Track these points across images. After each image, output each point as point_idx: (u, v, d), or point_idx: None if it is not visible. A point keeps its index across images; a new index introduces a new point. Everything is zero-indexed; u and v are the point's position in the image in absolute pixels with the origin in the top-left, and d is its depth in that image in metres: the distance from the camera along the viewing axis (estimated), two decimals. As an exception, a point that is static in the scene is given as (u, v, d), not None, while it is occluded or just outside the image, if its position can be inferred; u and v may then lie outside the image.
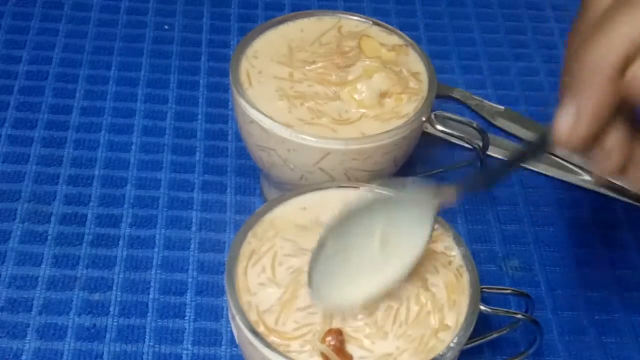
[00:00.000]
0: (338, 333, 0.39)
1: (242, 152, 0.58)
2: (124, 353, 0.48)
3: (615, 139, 0.34)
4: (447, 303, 0.41)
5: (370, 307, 0.40)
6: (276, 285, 0.41)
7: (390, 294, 0.41)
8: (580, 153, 0.34)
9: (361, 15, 0.55)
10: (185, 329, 0.49)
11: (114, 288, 0.51)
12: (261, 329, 0.40)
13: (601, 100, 0.32)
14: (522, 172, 0.60)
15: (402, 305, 0.41)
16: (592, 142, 0.34)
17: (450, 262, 0.43)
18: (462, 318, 0.41)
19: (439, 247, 0.43)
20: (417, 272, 0.42)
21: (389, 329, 0.40)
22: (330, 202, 0.45)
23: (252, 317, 0.40)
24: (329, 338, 0.39)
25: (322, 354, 0.39)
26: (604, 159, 0.34)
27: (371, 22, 0.55)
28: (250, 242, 0.43)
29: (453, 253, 0.43)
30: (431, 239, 0.40)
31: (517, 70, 0.67)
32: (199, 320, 0.50)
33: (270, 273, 0.42)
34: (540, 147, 0.35)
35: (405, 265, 0.40)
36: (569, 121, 0.33)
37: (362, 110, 0.49)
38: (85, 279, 0.51)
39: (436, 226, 0.44)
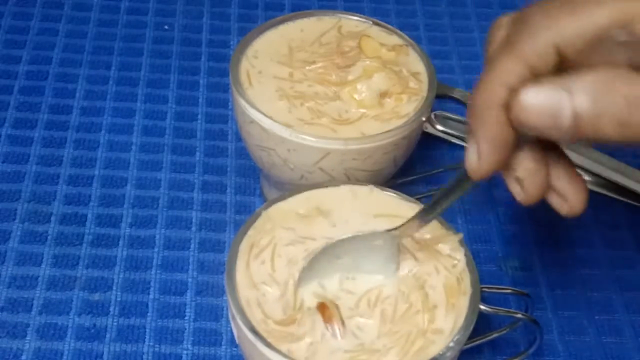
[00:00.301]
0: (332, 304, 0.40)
1: (242, 152, 0.58)
2: (124, 353, 0.48)
3: (524, 170, 0.37)
4: (445, 306, 0.41)
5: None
6: (276, 283, 0.41)
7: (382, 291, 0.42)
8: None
9: (361, 15, 0.55)
10: (185, 329, 0.49)
11: (114, 288, 0.51)
12: (264, 323, 0.40)
13: (494, 136, 0.35)
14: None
15: (390, 303, 0.41)
16: (502, 170, 0.37)
17: (454, 266, 0.43)
18: (461, 318, 0.40)
19: (444, 249, 0.43)
20: (415, 271, 0.42)
21: (375, 325, 0.40)
22: (331, 196, 0.45)
23: (254, 312, 0.40)
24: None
25: (320, 305, 0.40)
26: (519, 190, 0.38)
27: (371, 22, 0.55)
28: (250, 236, 0.43)
29: (458, 257, 0.43)
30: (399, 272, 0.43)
31: (517, 70, 0.67)
32: (199, 320, 0.50)
33: (269, 267, 0.42)
34: (464, 179, 0.39)
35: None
36: (474, 157, 0.36)
37: (362, 110, 0.49)
38: (85, 279, 0.51)
39: (441, 227, 0.44)
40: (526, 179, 0.37)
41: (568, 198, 0.38)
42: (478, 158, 0.36)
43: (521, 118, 0.34)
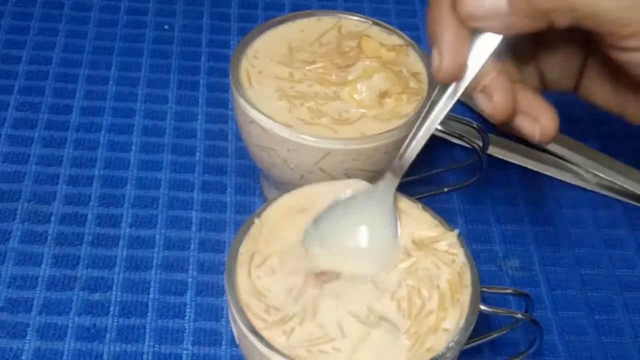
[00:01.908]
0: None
1: (242, 152, 0.58)
2: (124, 353, 0.48)
3: (490, 79, 0.40)
4: (451, 301, 0.41)
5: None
6: (276, 285, 0.41)
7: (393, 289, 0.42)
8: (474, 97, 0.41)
9: (361, 15, 0.55)
10: (185, 329, 0.49)
11: (114, 288, 0.51)
12: (260, 324, 0.40)
13: (450, 34, 0.39)
14: (522, 172, 0.60)
15: (404, 299, 0.41)
16: (459, 74, 0.40)
17: (453, 261, 0.43)
18: (462, 318, 0.41)
19: (442, 245, 0.43)
20: (418, 268, 0.42)
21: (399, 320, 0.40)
22: (318, 192, 0.46)
23: (254, 313, 0.40)
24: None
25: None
26: (487, 103, 0.41)
27: (371, 22, 0.55)
28: (249, 243, 0.43)
29: (455, 251, 0.43)
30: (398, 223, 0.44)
31: (517, 70, 0.67)
32: (199, 320, 0.50)
33: (269, 275, 0.42)
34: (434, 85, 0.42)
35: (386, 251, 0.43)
36: (435, 61, 0.40)
37: (362, 110, 0.49)
38: (85, 279, 0.51)
39: (437, 223, 0.44)
40: (493, 87, 0.40)
41: (539, 119, 0.41)
42: (438, 61, 0.40)
43: (465, 12, 0.38)
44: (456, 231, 0.44)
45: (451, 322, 0.40)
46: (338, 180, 0.46)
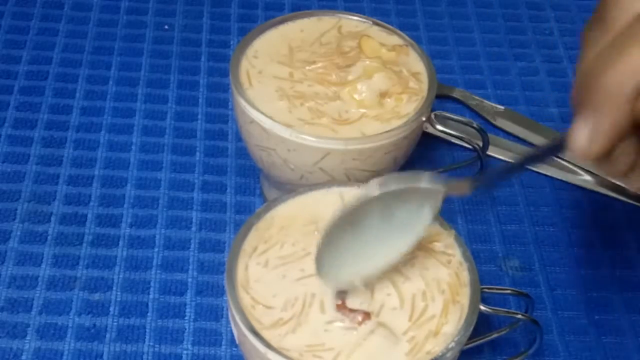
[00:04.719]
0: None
1: (242, 152, 0.58)
2: (124, 353, 0.48)
3: (622, 149, 0.35)
4: (452, 302, 0.41)
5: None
6: (275, 284, 0.41)
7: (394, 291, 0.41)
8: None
9: (361, 15, 0.55)
10: (185, 329, 0.49)
11: (114, 288, 0.51)
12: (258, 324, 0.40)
13: (617, 121, 0.33)
14: (522, 172, 0.60)
15: (405, 303, 0.41)
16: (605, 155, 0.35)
17: (449, 262, 0.43)
18: (462, 318, 0.41)
19: (438, 246, 0.43)
20: (418, 271, 0.42)
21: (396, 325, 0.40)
22: (329, 201, 0.45)
23: (254, 312, 0.40)
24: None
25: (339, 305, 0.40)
26: (610, 166, 0.36)
27: (371, 22, 0.55)
28: (251, 242, 0.43)
29: (451, 252, 0.43)
30: (431, 224, 0.42)
31: (517, 70, 0.67)
32: (199, 320, 0.50)
33: (269, 273, 0.42)
34: (552, 152, 0.38)
35: (406, 245, 0.42)
36: (585, 137, 0.34)
37: (362, 110, 0.49)
38: (85, 279, 0.51)
39: (436, 224, 0.44)
40: (621, 157, 0.36)
41: None
42: (590, 139, 0.34)
43: None
44: (452, 231, 0.44)
45: (451, 324, 0.40)
46: (350, 186, 0.46)
